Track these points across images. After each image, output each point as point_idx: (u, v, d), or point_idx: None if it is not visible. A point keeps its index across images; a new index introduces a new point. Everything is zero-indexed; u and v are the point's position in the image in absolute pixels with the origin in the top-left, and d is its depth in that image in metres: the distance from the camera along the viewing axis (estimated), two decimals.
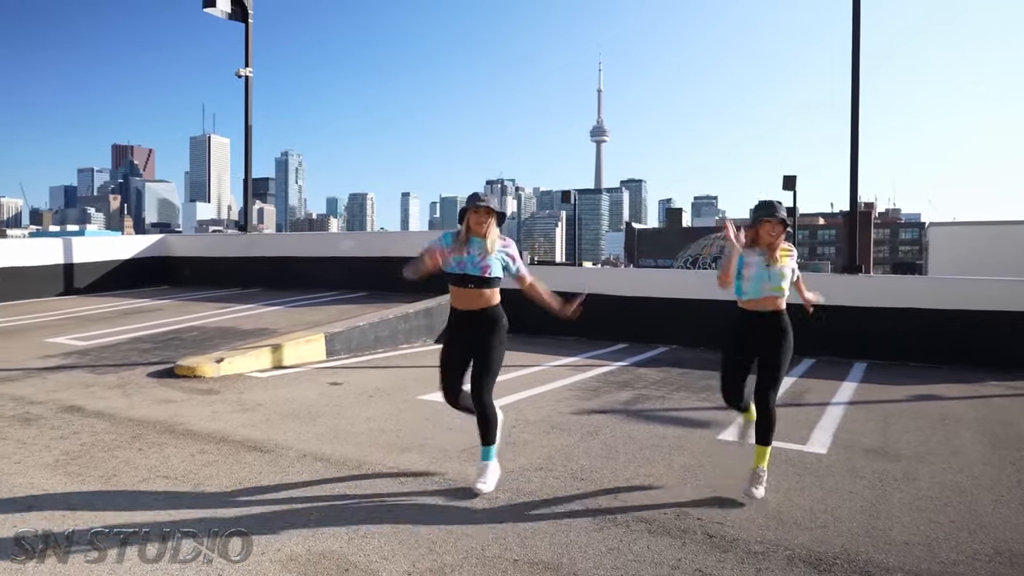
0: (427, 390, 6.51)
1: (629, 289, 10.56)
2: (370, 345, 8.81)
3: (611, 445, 4.85)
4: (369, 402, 5.98)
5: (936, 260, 21.59)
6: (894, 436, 5.38)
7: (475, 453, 4.51)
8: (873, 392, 7.14)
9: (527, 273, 4.01)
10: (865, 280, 9.36)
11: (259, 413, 5.44)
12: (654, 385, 7.12)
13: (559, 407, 6.02)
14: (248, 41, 14.19)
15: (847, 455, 4.80)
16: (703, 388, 7.03)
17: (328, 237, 18.05)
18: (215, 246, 15.11)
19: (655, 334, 10.21)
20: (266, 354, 7.43)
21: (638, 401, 6.35)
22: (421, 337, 9.71)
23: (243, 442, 4.64)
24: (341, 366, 7.77)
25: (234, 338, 8.52)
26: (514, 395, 6.45)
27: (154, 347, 8.06)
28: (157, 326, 9.44)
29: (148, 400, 5.74)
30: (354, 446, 4.63)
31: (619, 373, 7.82)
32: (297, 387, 6.52)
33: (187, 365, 6.77)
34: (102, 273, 13.99)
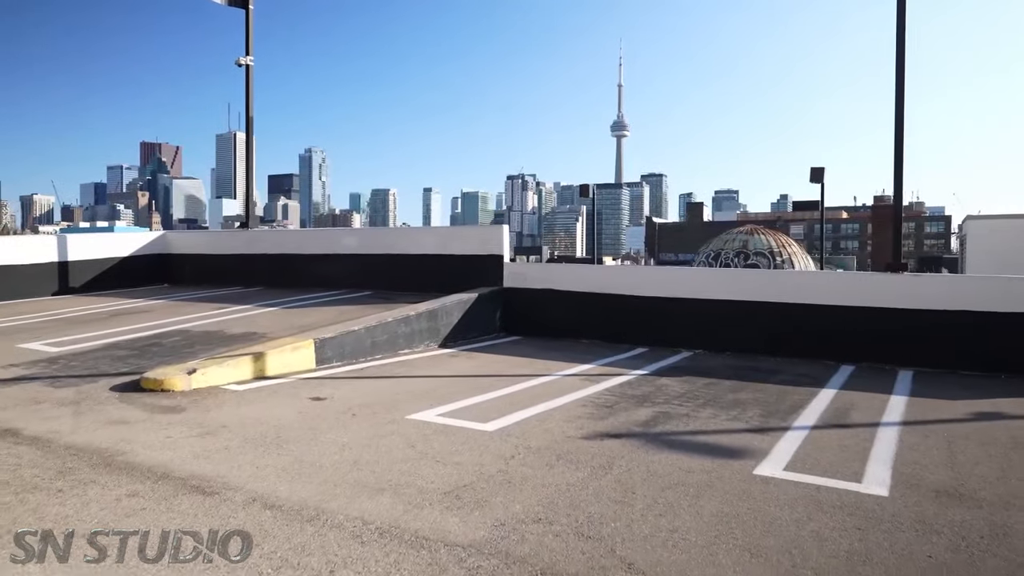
0: (419, 406, 5.76)
1: (650, 289, 9.72)
2: (366, 352, 8.08)
3: (627, 484, 4.05)
4: (350, 423, 5.24)
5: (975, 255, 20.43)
6: (964, 469, 4.51)
7: (461, 496, 3.74)
8: (927, 409, 6.25)
9: None
10: (910, 280, 8.43)
11: (220, 438, 4.72)
12: (677, 400, 6.30)
13: (568, 428, 5.23)
14: (249, 29, 13.52)
15: (914, 498, 3.95)
16: (732, 404, 6.20)
17: (331, 234, 17.41)
18: (216, 243, 14.51)
19: (678, 337, 9.37)
20: (246, 364, 6.73)
21: (659, 421, 5.54)
22: (424, 341, 8.97)
23: (187, 479, 3.91)
24: (330, 376, 7.05)
25: (218, 344, 7.84)
26: (519, 412, 5.68)
27: (129, 354, 7.40)
28: (141, 329, 8.81)
29: (98, 421, 5.05)
30: (317, 485, 3.88)
31: (638, 384, 7.01)
32: (274, 403, 5.80)
33: (154, 378, 6.08)
34: (100, 271, 13.47)
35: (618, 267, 11.80)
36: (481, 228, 12.68)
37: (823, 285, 8.91)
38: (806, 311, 8.75)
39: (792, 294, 8.90)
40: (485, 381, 6.98)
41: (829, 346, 8.64)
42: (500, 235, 10.92)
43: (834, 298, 8.67)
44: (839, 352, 8.56)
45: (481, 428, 5.14)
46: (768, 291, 9.03)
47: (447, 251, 11.52)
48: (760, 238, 42.09)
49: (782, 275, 9.05)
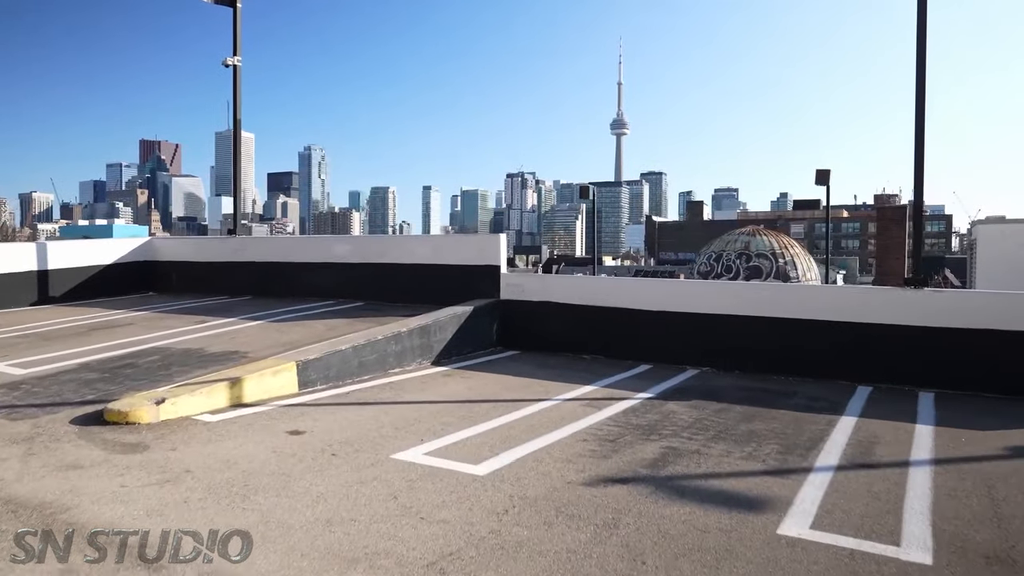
0: (405, 442, 5.28)
1: (655, 303, 9.23)
2: (353, 372, 7.60)
3: (635, 548, 3.57)
4: (328, 466, 4.75)
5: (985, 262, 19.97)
6: (1013, 525, 4.04)
7: (446, 570, 3.26)
8: (958, 443, 5.78)
9: None
10: (932, 297, 7.93)
11: (180, 488, 4.24)
12: (686, 432, 5.82)
13: (568, 471, 4.75)
14: (236, 28, 13.00)
15: (963, 567, 3.47)
16: (746, 437, 5.72)
17: (322, 241, 16.93)
18: (202, 250, 14.01)
19: (684, 354, 8.89)
20: (221, 391, 6.24)
21: (668, 460, 5.05)
22: (416, 359, 8.49)
23: (134, 547, 3.42)
24: (313, 402, 6.57)
25: (196, 364, 7.36)
26: (514, 449, 5.20)
27: (100, 377, 6.92)
28: (117, 347, 8.32)
29: (50, 465, 4.57)
30: (282, 556, 3.40)
31: (643, 411, 6.53)
32: (247, 438, 5.32)
33: (118, 409, 5.59)
34: (82, 279, 12.97)
35: (620, 279, 11.26)
36: (478, 237, 12.22)
37: (839, 300, 8.42)
38: (821, 328, 8.26)
39: (806, 309, 8.42)
40: (478, 408, 6.50)
41: (845, 365, 8.16)
42: (497, 244, 10.43)
43: (851, 314, 8.19)
44: (855, 371, 8.09)
45: (472, 472, 4.66)
46: (780, 306, 8.54)
47: (442, 260, 11.04)
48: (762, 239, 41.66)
49: (795, 289, 8.55)
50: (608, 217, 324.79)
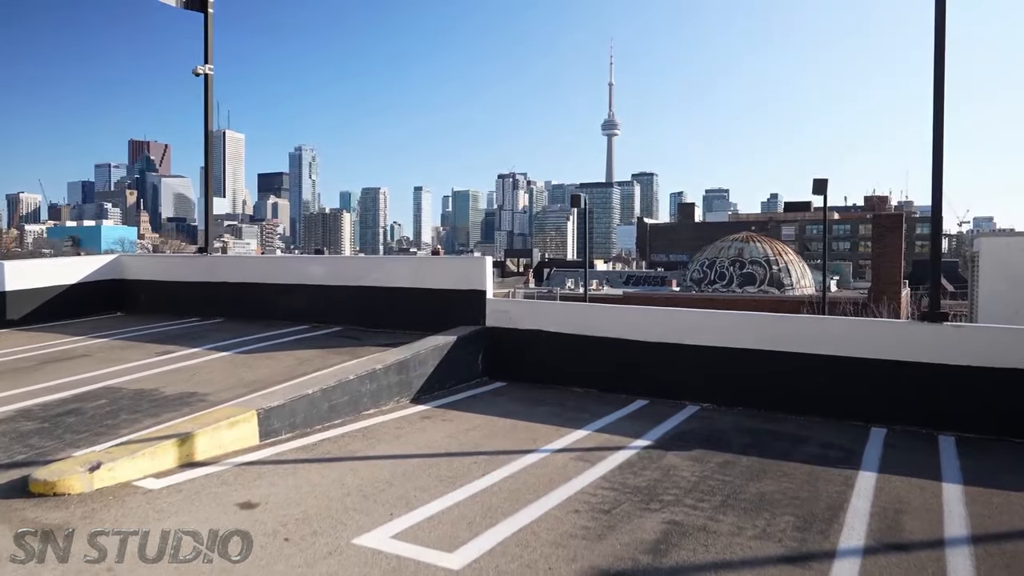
0: (371, 518, 4.63)
1: (651, 333, 8.60)
2: (323, 417, 6.92)
3: None
4: (278, 557, 4.08)
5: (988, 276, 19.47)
6: None
7: None
8: (993, 510, 5.16)
9: None
10: (953, 333, 7.33)
11: None
12: (690, 497, 5.19)
13: (557, 560, 4.11)
14: (208, 34, 12.31)
15: None
16: (757, 503, 5.10)
17: (297, 262, 16.28)
18: (172, 269, 13.28)
19: (682, 387, 8.28)
20: (169, 449, 5.55)
21: (671, 542, 4.42)
22: (393, 397, 7.83)
23: None
24: (273, 459, 5.89)
25: (147, 411, 6.68)
26: (498, 526, 4.57)
27: (38, 428, 6.21)
28: (65, 386, 7.60)
29: None
30: None
31: (640, 466, 5.90)
32: (190, 515, 4.64)
33: (44, 479, 4.89)
34: (45, 299, 12.21)
35: (613, 308, 10.64)
36: (462, 260, 11.53)
37: (851, 334, 7.80)
38: (831, 364, 7.65)
39: (816, 344, 7.79)
40: (458, 464, 5.85)
41: (856, 404, 7.56)
42: (482, 268, 9.78)
43: (862, 350, 7.57)
44: (868, 411, 7.49)
45: (446, 566, 4.00)
46: (789, 340, 7.90)
47: (423, 284, 10.37)
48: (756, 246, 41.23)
49: (805, 322, 7.95)
50: (599, 218, 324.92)
